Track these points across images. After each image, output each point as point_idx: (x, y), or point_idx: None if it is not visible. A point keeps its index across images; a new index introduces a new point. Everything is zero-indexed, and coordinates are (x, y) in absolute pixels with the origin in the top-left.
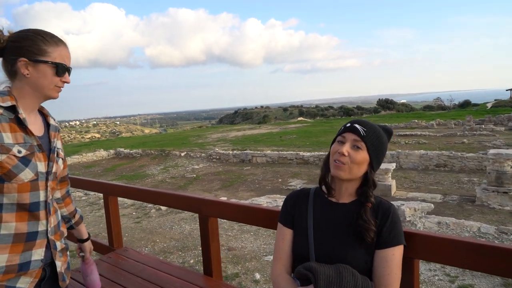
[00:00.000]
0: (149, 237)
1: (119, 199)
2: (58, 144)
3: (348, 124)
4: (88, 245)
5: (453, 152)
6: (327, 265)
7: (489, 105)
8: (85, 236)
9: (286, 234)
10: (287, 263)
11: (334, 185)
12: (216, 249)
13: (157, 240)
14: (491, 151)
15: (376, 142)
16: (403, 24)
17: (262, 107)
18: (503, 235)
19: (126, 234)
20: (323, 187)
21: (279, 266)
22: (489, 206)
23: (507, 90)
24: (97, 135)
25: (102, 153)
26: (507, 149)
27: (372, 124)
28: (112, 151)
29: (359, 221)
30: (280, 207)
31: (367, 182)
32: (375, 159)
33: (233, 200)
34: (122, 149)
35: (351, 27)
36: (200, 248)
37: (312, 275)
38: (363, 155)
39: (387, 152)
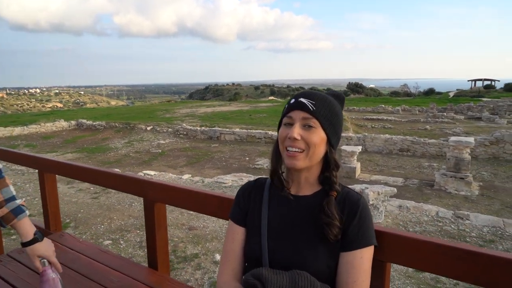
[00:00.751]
0: (106, 213)
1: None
2: None
3: (293, 100)
4: (34, 250)
5: (416, 138)
6: (281, 272)
7: (451, 94)
8: (27, 237)
9: (237, 233)
10: (236, 267)
11: (291, 177)
12: (163, 239)
13: (115, 217)
14: (452, 138)
15: (330, 115)
16: (378, 9)
17: (233, 84)
18: (459, 220)
19: (82, 211)
20: (276, 181)
21: (227, 271)
22: (446, 191)
23: (468, 80)
24: (59, 105)
25: (62, 124)
26: (466, 136)
27: (320, 94)
28: (73, 122)
29: (320, 215)
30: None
31: (328, 164)
32: (333, 135)
33: (184, 185)
34: (84, 121)
35: (325, 8)
36: None
37: (260, 284)
38: (318, 134)
39: (353, 135)
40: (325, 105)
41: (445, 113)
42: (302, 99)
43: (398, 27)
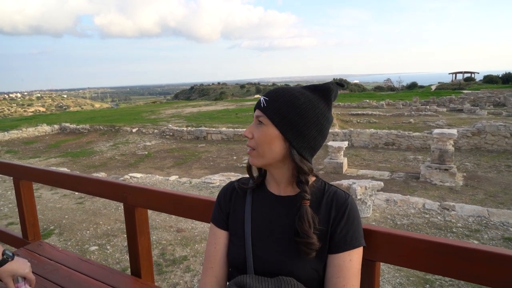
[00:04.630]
0: (91, 219)
1: (58, 170)
2: None
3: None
4: (5, 271)
5: (401, 131)
6: (266, 279)
7: (433, 87)
8: None
9: (219, 237)
10: (219, 274)
11: (268, 175)
12: (145, 246)
13: (101, 222)
14: (436, 130)
15: (284, 109)
16: (359, 5)
17: (219, 83)
18: (445, 211)
19: (66, 216)
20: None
21: (209, 278)
22: (432, 183)
23: (449, 73)
24: (42, 109)
25: (45, 128)
26: (449, 128)
27: (282, 89)
28: (56, 126)
29: (296, 235)
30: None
31: (297, 168)
32: (291, 132)
33: (166, 188)
34: (68, 124)
35: (308, 5)
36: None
37: None
38: (268, 131)
39: (339, 131)
40: (280, 100)
41: (428, 106)
42: (261, 97)
43: (379, 22)
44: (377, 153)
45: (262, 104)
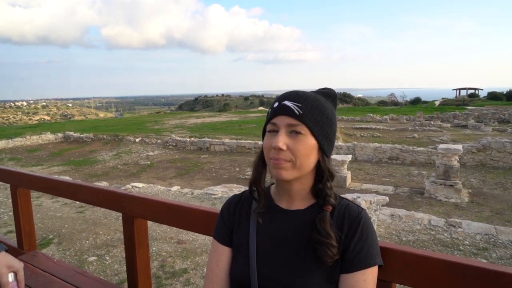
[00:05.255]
0: (91, 228)
1: (61, 178)
2: None
3: (276, 104)
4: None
5: (405, 146)
6: None
7: (437, 103)
8: None
9: (221, 253)
10: None
11: (280, 189)
12: (144, 258)
13: (100, 232)
14: (441, 145)
15: (320, 118)
16: (362, 21)
17: (223, 95)
18: (451, 228)
19: (66, 226)
20: (255, 194)
21: None
22: (436, 198)
23: (453, 89)
24: (47, 117)
25: (49, 137)
26: (454, 144)
27: (308, 94)
28: (60, 135)
29: (313, 233)
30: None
31: (321, 174)
32: (325, 141)
33: (167, 199)
34: (71, 133)
35: (313, 20)
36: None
37: None
38: (307, 142)
39: (343, 144)
40: (314, 107)
41: (432, 122)
42: (286, 102)
43: (383, 38)
44: (381, 168)
45: (297, 112)
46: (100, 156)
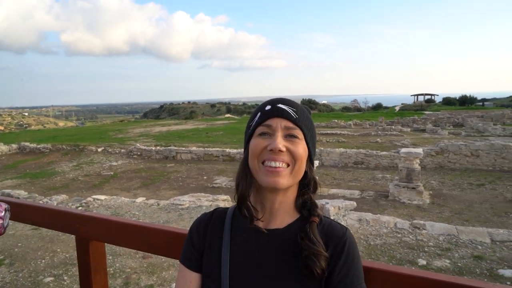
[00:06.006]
0: (48, 246)
1: (14, 191)
2: None
3: (268, 107)
4: None
5: (369, 151)
6: None
7: (397, 108)
8: None
9: (190, 280)
10: None
11: (260, 204)
12: (101, 284)
13: (58, 250)
14: (403, 149)
15: (310, 125)
16: (328, 30)
17: (189, 102)
18: (416, 230)
19: (19, 244)
20: (244, 212)
21: None
22: (400, 201)
23: (411, 95)
24: (0, 128)
25: (1, 148)
26: (415, 148)
27: (294, 102)
28: (14, 146)
29: (303, 242)
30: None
31: (307, 185)
32: (313, 149)
33: (126, 218)
34: (27, 143)
35: (278, 28)
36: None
37: None
38: (303, 147)
39: None
40: (305, 114)
41: (393, 126)
42: (281, 105)
43: (347, 46)
44: (347, 172)
45: (293, 115)
46: (59, 168)
